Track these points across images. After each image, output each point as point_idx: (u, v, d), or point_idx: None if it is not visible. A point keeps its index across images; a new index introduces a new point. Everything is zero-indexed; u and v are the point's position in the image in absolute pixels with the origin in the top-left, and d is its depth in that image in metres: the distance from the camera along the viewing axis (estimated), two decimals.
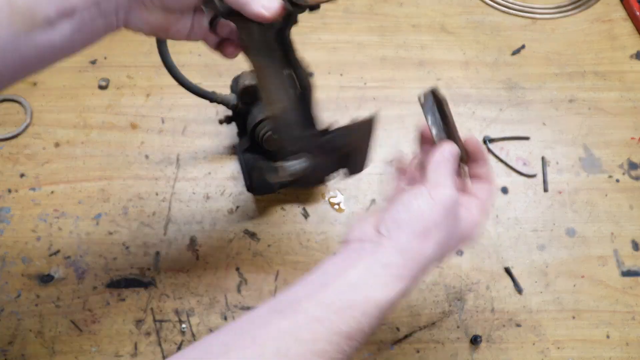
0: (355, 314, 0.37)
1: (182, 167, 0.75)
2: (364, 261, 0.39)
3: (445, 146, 0.45)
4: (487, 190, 0.47)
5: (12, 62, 0.42)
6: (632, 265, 0.69)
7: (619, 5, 0.89)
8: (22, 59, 0.42)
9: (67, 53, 0.45)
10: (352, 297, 0.37)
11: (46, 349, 0.63)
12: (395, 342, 0.65)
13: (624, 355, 0.64)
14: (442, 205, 0.41)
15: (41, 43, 0.42)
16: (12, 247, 0.69)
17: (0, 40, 0.40)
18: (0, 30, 0.40)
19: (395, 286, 0.39)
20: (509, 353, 0.64)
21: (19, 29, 0.41)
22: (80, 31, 0.43)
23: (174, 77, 0.60)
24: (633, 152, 0.77)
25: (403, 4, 0.89)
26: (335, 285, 0.38)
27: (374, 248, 0.40)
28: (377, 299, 0.38)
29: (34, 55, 0.43)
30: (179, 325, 0.65)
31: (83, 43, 0.45)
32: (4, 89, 0.44)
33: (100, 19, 0.44)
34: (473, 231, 0.45)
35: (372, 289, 0.38)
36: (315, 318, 0.36)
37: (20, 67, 0.43)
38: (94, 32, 0.45)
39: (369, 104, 0.80)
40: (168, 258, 0.69)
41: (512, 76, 0.82)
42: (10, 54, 0.41)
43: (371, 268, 0.39)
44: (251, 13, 0.42)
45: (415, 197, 0.41)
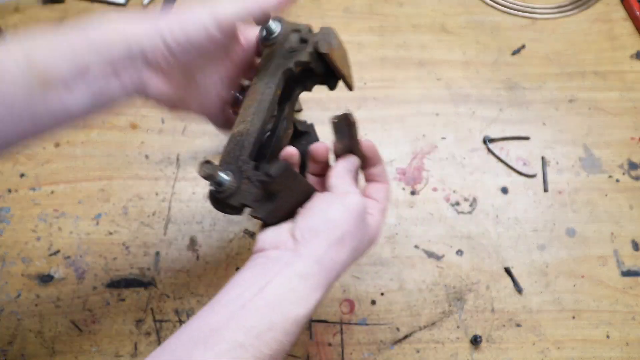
0: (277, 335, 0.37)
1: (182, 167, 0.75)
2: (281, 274, 0.39)
3: (348, 158, 0.47)
4: (383, 191, 0.49)
5: (24, 122, 0.41)
6: (632, 265, 0.69)
7: (619, 5, 0.89)
8: (34, 120, 0.41)
9: (81, 117, 0.43)
10: (272, 319, 0.37)
11: (46, 349, 0.63)
12: (395, 342, 0.65)
13: (624, 355, 0.64)
14: (354, 213, 0.41)
15: (55, 104, 0.41)
16: (12, 247, 0.69)
17: (15, 97, 0.39)
18: (15, 87, 0.39)
19: (312, 298, 0.39)
20: (509, 353, 0.64)
21: (34, 87, 0.40)
22: (94, 94, 0.42)
23: None
24: (633, 152, 0.77)
25: (403, 4, 0.89)
26: (254, 304, 0.37)
27: (291, 258, 0.40)
28: (296, 315, 0.38)
29: (46, 117, 0.41)
30: (179, 325, 0.65)
31: (97, 107, 0.43)
32: (10, 149, 0.43)
33: (114, 80, 0.42)
34: (377, 233, 0.46)
35: (290, 305, 0.38)
36: (239, 344, 0.36)
37: (32, 128, 0.42)
38: (109, 96, 0.43)
39: (369, 104, 0.80)
40: (168, 258, 0.69)
41: (512, 76, 0.82)
42: (23, 112, 0.40)
43: (289, 282, 0.39)
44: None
45: (329, 205, 0.42)
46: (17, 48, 0.40)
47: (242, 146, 0.45)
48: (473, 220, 0.72)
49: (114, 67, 0.41)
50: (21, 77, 0.39)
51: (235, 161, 0.45)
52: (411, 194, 0.74)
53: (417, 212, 0.72)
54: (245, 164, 0.45)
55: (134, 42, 0.41)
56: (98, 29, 0.41)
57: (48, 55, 0.40)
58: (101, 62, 0.41)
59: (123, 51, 0.41)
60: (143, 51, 0.41)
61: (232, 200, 0.44)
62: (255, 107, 0.47)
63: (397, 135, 0.78)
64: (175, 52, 0.42)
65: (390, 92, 0.81)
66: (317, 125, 0.79)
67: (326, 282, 0.40)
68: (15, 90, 0.39)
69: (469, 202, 0.73)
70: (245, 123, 0.46)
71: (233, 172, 0.44)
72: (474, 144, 0.77)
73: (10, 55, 0.39)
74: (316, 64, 0.48)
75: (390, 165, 0.76)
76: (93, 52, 0.40)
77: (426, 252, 0.70)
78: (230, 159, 0.45)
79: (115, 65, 0.41)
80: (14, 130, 0.41)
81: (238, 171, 0.45)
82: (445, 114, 0.79)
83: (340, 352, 0.64)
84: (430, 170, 0.75)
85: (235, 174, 0.44)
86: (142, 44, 0.41)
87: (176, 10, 0.42)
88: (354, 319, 0.66)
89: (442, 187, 0.74)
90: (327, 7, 0.88)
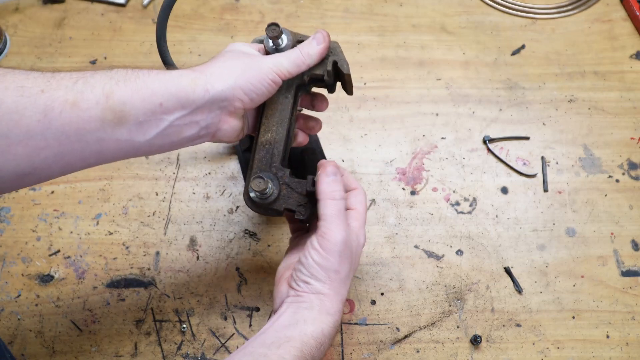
0: (296, 344, 0.44)
1: (182, 167, 0.75)
2: (289, 309, 0.47)
3: (327, 169, 0.49)
4: (358, 196, 0.53)
5: (91, 152, 0.43)
6: (632, 265, 0.69)
7: (619, 5, 0.89)
8: (101, 151, 0.44)
9: (146, 153, 0.47)
10: (290, 334, 0.44)
11: (46, 348, 0.63)
12: (395, 342, 0.65)
13: (623, 355, 0.64)
14: (334, 253, 0.46)
15: (124, 140, 0.44)
16: (12, 247, 0.69)
17: (87, 128, 0.42)
18: (90, 119, 0.42)
19: (324, 319, 0.46)
20: (509, 353, 0.64)
21: (107, 122, 0.43)
22: (164, 135, 0.46)
23: None
24: (633, 152, 0.77)
25: (403, 4, 0.89)
26: (272, 329, 0.45)
27: (294, 299, 0.47)
28: (311, 331, 0.45)
29: (113, 150, 0.44)
30: (179, 325, 0.65)
31: (162, 148, 0.47)
32: (65, 174, 0.45)
33: (188, 124, 0.46)
34: (361, 241, 0.51)
35: (304, 324, 0.45)
36: (262, 354, 0.43)
37: (96, 157, 0.44)
38: (179, 137, 0.47)
39: (369, 104, 0.80)
40: (168, 258, 0.69)
41: (512, 76, 0.82)
42: (92, 143, 0.43)
43: (297, 312, 0.46)
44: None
45: (309, 253, 0.47)
46: (99, 83, 0.43)
47: (273, 154, 0.52)
48: (473, 220, 0.72)
49: (190, 112, 0.46)
50: (97, 111, 0.42)
51: (269, 168, 0.51)
52: (411, 194, 0.74)
53: (417, 212, 0.72)
54: (279, 171, 0.51)
55: (215, 92, 0.46)
56: (178, 77, 0.45)
57: (127, 95, 0.43)
58: (178, 107, 0.45)
59: (203, 100, 0.46)
60: (222, 99, 0.47)
61: (276, 205, 0.51)
62: (278, 117, 0.52)
63: (397, 135, 0.78)
64: (252, 98, 0.48)
65: (390, 92, 0.81)
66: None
67: (334, 309, 0.47)
68: (89, 122, 0.42)
69: (468, 202, 0.73)
70: (271, 132, 0.52)
71: (271, 179, 0.51)
72: (474, 144, 0.77)
73: (91, 88, 0.42)
74: (329, 77, 0.53)
75: (390, 165, 0.76)
76: (172, 99, 0.45)
77: (426, 252, 0.70)
78: (264, 166, 0.52)
79: (192, 111, 0.46)
80: (80, 157, 0.44)
81: (275, 178, 0.51)
82: (445, 114, 0.79)
83: (340, 352, 0.64)
84: (430, 170, 0.75)
85: (273, 181, 0.51)
86: (223, 95, 0.46)
87: (246, 62, 0.49)
88: (354, 319, 0.66)
89: (442, 187, 0.74)
90: (327, 7, 0.88)
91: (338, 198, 0.48)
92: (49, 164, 0.43)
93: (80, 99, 0.42)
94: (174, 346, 0.64)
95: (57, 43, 0.83)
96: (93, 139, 0.43)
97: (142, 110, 0.43)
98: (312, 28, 0.86)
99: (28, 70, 0.42)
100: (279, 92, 0.52)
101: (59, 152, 0.42)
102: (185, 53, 0.83)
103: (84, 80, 0.43)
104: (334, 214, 0.47)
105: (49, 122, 0.41)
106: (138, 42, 0.84)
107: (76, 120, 0.41)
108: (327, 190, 0.48)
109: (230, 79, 0.47)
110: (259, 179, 0.48)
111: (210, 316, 0.65)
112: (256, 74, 0.48)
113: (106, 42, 0.84)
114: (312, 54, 0.50)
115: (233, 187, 0.73)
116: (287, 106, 0.52)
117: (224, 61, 0.48)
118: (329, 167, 0.49)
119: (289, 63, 0.49)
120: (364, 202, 0.53)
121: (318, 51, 0.50)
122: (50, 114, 0.41)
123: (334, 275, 0.47)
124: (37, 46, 0.83)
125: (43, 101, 0.41)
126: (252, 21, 0.86)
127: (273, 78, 0.48)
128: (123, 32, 0.85)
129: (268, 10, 0.87)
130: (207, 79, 0.46)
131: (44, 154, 0.42)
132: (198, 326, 0.65)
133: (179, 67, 0.62)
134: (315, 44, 0.50)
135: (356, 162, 0.76)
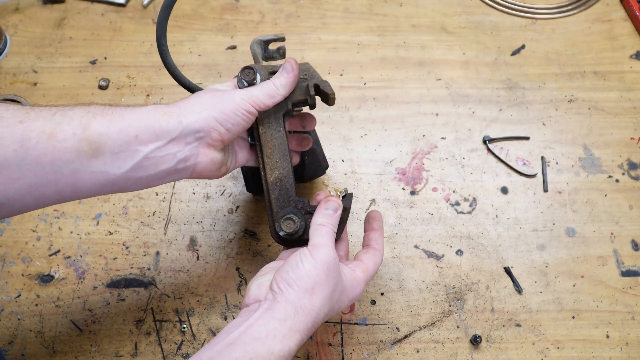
0: None
1: None
2: (262, 317, 0.45)
3: (328, 207, 0.52)
4: (374, 257, 0.54)
5: (66, 184, 0.44)
6: (632, 265, 0.69)
7: (619, 5, 0.89)
8: (75, 182, 0.44)
9: (120, 186, 0.47)
10: (258, 351, 0.43)
11: (46, 348, 0.63)
12: (395, 342, 0.65)
13: (623, 355, 0.64)
14: (324, 265, 0.47)
15: (98, 171, 0.44)
16: (12, 247, 0.69)
17: (63, 159, 0.43)
18: (65, 153, 0.43)
19: (292, 337, 0.44)
20: (509, 353, 0.64)
21: (83, 153, 0.43)
22: (140, 169, 0.46)
23: (174, 77, 0.60)
24: (633, 152, 0.77)
25: (403, 4, 0.89)
26: (241, 341, 0.43)
27: (270, 305, 0.46)
28: (279, 350, 0.43)
29: (87, 183, 0.45)
30: (179, 325, 0.65)
31: (140, 182, 0.48)
32: (39, 208, 0.46)
33: (167, 164, 0.47)
34: (356, 289, 0.51)
35: (273, 341, 0.43)
36: None
37: (71, 190, 0.45)
38: (155, 175, 0.48)
39: (369, 104, 0.80)
40: (168, 258, 0.69)
41: (512, 76, 0.82)
42: (67, 174, 0.43)
43: (270, 322, 0.44)
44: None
45: (300, 259, 0.47)
46: (77, 115, 0.44)
47: (287, 189, 0.55)
48: (473, 220, 0.72)
49: (165, 144, 0.47)
50: (74, 142, 0.43)
51: (288, 204, 0.54)
52: (411, 194, 0.74)
53: (417, 212, 0.72)
54: (298, 202, 0.54)
55: (188, 122, 0.47)
56: (153, 111, 0.47)
57: (103, 126, 0.44)
58: (153, 139, 0.46)
59: (177, 131, 0.47)
60: (197, 130, 0.48)
61: (305, 236, 0.53)
62: (278, 153, 0.55)
63: (397, 135, 0.78)
64: (228, 128, 0.50)
65: (390, 92, 0.81)
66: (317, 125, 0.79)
67: (304, 327, 0.45)
68: (65, 153, 0.43)
69: (468, 202, 0.73)
70: (277, 169, 0.55)
71: (295, 213, 0.53)
72: (474, 144, 0.77)
73: (69, 120, 0.43)
74: (311, 99, 0.56)
75: (390, 165, 0.76)
76: (148, 131, 0.45)
77: (426, 252, 0.70)
78: (283, 203, 0.54)
79: (167, 142, 0.47)
80: (54, 189, 0.44)
81: (297, 210, 0.54)
82: (445, 114, 0.79)
83: (340, 352, 0.64)
84: (430, 170, 0.75)
85: (297, 215, 0.53)
86: (197, 125, 0.48)
87: (217, 95, 0.50)
88: (354, 319, 0.66)
89: (442, 187, 0.74)
90: (327, 7, 0.88)
91: (329, 227, 0.50)
92: (23, 195, 0.43)
93: (57, 129, 0.42)
94: (174, 346, 0.64)
95: (57, 43, 0.83)
96: (68, 170, 0.43)
97: (117, 142, 0.44)
98: (312, 28, 0.86)
99: (8, 104, 0.44)
100: (270, 129, 0.55)
101: (33, 182, 0.42)
102: (185, 53, 0.83)
103: (62, 112, 0.44)
104: (325, 234, 0.49)
105: (25, 152, 0.41)
106: (138, 42, 0.84)
107: (52, 151, 0.42)
108: (319, 220, 0.51)
109: (203, 110, 0.48)
110: (289, 221, 0.52)
111: (210, 316, 0.65)
112: (229, 105, 0.49)
113: (106, 42, 0.84)
114: (284, 84, 0.53)
115: (233, 187, 0.73)
116: (282, 139, 0.55)
117: (197, 97, 0.50)
118: (331, 202, 0.52)
119: (263, 95, 0.51)
120: (376, 264, 0.54)
121: (289, 80, 0.53)
122: (27, 144, 0.41)
123: (318, 287, 0.46)
124: (37, 46, 0.83)
125: (21, 131, 0.41)
126: (252, 21, 0.86)
127: (247, 108, 0.50)
128: (123, 32, 0.85)
129: (268, 10, 0.87)
130: (181, 111, 0.48)
131: (19, 184, 0.42)
132: (198, 326, 0.65)
133: (179, 67, 0.62)
134: (285, 74, 0.53)
135: (356, 162, 0.76)
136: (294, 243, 0.54)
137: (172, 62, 0.58)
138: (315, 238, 0.49)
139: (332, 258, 0.48)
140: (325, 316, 0.48)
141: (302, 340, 0.46)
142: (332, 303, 0.48)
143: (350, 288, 0.50)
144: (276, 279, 0.47)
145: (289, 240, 0.54)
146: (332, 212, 0.51)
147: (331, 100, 0.56)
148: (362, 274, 0.52)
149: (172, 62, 0.58)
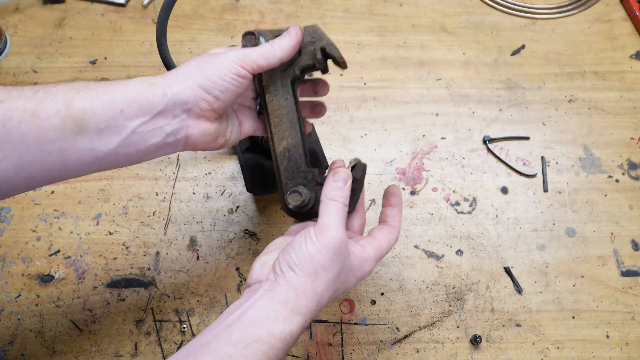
0: (263, 347, 0.41)
1: (182, 167, 0.75)
2: (263, 299, 0.43)
3: (336, 180, 0.48)
4: (388, 234, 0.51)
5: (54, 163, 0.43)
6: (632, 265, 0.69)
7: (619, 5, 0.89)
8: (63, 162, 0.43)
9: (109, 163, 0.45)
10: (258, 333, 0.41)
11: (46, 348, 0.63)
12: (395, 342, 0.65)
13: (623, 355, 0.64)
14: (329, 249, 0.44)
15: (85, 149, 0.43)
16: (12, 247, 0.69)
17: (48, 137, 0.42)
18: (50, 128, 0.41)
19: (294, 319, 0.43)
20: (509, 353, 0.64)
21: (68, 130, 0.42)
22: (128, 145, 0.45)
23: None
24: (633, 152, 0.77)
25: (403, 4, 0.89)
26: (240, 323, 0.42)
27: (271, 286, 0.44)
28: (280, 332, 0.42)
29: (75, 160, 0.44)
30: (179, 325, 0.65)
31: (129, 158, 0.46)
32: (30, 189, 0.45)
33: (155, 138, 0.45)
34: (365, 267, 0.48)
35: (274, 323, 0.42)
36: (227, 354, 0.40)
37: (60, 169, 0.44)
38: (145, 150, 0.46)
39: (369, 104, 0.80)
40: (168, 258, 0.69)
41: (512, 76, 0.82)
42: (54, 153, 0.42)
43: (270, 304, 0.43)
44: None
45: (305, 241, 0.45)
46: (60, 92, 0.43)
47: (296, 159, 0.51)
48: (473, 220, 0.72)
49: (152, 118, 0.45)
50: (57, 120, 0.42)
51: (297, 175, 0.51)
52: (411, 194, 0.74)
53: (417, 212, 0.72)
54: (308, 173, 0.51)
55: (173, 94, 0.45)
56: (138, 83, 0.45)
57: (87, 103, 0.43)
58: (139, 113, 0.44)
59: (162, 104, 0.45)
60: (184, 102, 0.45)
61: (315, 209, 0.50)
62: (287, 121, 0.52)
63: (397, 135, 0.78)
64: (216, 96, 0.46)
65: (390, 92, 0.81)
66: (316, 125, 0.80)
67: (307, 309, 0.44)
68: (49, 131, 0.41)
69: (468, 202, 0.73)
70: (285, 139, 0.52)
71: (304, 185, 0.51)
72: (474, 144, 0.77)
73: (51, 97, 0.42)
74: (320, 63, 0.52)
75: (390, 165, 0.76)
76: (133, 105, 0.44)
77: (426, 252, 0.70)
78: (292, 174, 0.51)
79: (153, 116, 0.45)
80: (42, 169, 0.43)
81: (306, 182, 0.51)
82: (445, 114, 0.79)
83: (340, 352, 0.64)
84: (430, 170, 0.75)
85: (307, 186, 0.51)
86: (183, 96, 0.45)
87: (204, 60, 0.47)
88: (354, 318, 0.66)
89: (442, 187, 0.74)
90: (327, 7, 0.88)
91: (339, 202, 0.47)
92: (10, 177, 0.42)
93: (40, 108, 0.41)
94: (174, 346, 0.64)
95: (57, 43, 0.83)
96: (54, 149, 0.42)
97: (102, 117, 0.43)
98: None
99: None
100: (277, 97, 0.52)
101: (19, 163, 0.42)
102: (185, 53, 0.83)
103: (44, 90, 0.42)
104: (334, 213, 0.46)
105: (7, 133, 0.41)
106: (138, 42, 0.84)
107: (36, 130, 0.41)
108: (330, 194, 0.47)
109: (188, 79, 0.46)
110: (295, 194, 0.49)
111: (210, 316, 0.65)
112: (215, 69, 0.46)
113: (106, 42, 0.84)
114: (283, 47, 0.49)
115: (233, 187, 0.73)
116: (291, 107, 0.52)
117: (185, 64, 0.47)
118: (340, 173, 0.49)
119: (257, 55, 0.47)
120: (391, 242, 0.51)
121: (290, 44, 0.49)
122: (9, 124, 0.41)
123: (321, 271, 0.44)
124: (37, 46, 0.83)
125: (2, 111, 0.40)
126: (252, 21, 0.86)
127: (237, 72, 0.46)
128: (123, 32, 0.85)
129: (268, 10, 0.87)
130: (165, 81, 0.45)
131: (4, 165, 0.41)
132: (198, 326, 0.65)
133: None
134: (288, 38, 0.49)
135: None
136: (304, 216, 0.52)
137: (172, 62, 0.58)
138: (324, 217, 0.46)
139: (339, 240, 0.45)
140: (330, 298, 0.46)
141: (306, 322, 0.44)
142: (336, 285, 0.46)
143: (358, 267, 0.48)
144: (279, 260, 0.46)
145: (299, 213, 0.51)
146: (342, 184, 0.48)
147: (342, 64, 0.52)
148: (373, 251, 0.49)
149: (172, 62, 0.58)
